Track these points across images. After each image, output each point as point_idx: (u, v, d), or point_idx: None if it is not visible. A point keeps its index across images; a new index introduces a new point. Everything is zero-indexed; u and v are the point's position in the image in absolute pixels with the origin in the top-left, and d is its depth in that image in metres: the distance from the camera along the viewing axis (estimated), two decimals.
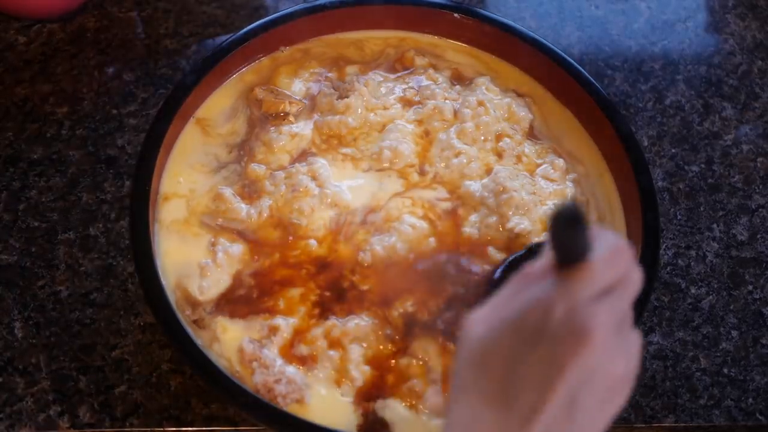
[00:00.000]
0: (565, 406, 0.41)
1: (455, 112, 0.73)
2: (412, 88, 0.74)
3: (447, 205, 0.68)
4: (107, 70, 0.84)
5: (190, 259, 0.65)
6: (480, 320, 0.44)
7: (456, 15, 0.76)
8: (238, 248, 0.65)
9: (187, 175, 0.69)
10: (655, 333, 0.71)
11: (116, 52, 0.85)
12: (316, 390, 0.60)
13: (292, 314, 0.63)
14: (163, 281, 0.62)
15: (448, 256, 0.66)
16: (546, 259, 0.43)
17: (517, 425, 0.41)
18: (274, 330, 0.62)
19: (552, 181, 0.70)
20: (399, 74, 0.76)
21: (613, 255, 0.43)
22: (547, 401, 0.41)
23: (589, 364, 0.41)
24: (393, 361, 0.61)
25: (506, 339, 0.42)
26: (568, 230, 0.40)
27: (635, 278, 0.44)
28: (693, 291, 0.74)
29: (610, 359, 0.42)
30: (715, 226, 0.77)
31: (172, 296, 0.62)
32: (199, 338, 0.61)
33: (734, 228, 0.77)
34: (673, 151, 0.82)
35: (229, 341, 0.61)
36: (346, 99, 0.72)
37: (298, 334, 0.62)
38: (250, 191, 0.68)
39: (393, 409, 0.60)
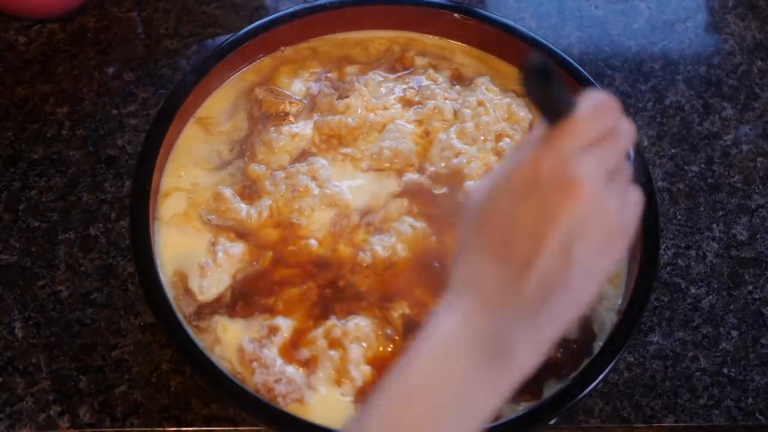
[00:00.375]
0: (560, 255, 0.43)
1: (455, 112, 0.73)
2: (412, 88, 0.74)
3: (447, 204, 0.68)
4: (107, 70, 0.84)
5: (190, 251, 0.65)
6: (480, 188, 0.46)
7: (456, 15, 0.76)
8: (238, 248, 0.65)
9: (189, 170, 0.69)
10: (655, 333, 0.71)
11: (116, 52, 0.85)
12: (316, 390, 0.60)
13: (291, 314, 0.63)
14: (162, 277, 0.62)
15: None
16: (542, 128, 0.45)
17: (514, 273, 0.43)
18: (274, 330, 0.62)
19: None
20: (399, 74, 0.76)
21: (598, 109, 0.44)
22: (541, 250, 0.42)
23: (580, 214, 0.42)
24: (393, 361, 0.61)
25: (501, 199, 0.44)
26: (541, 84, 0.42)
27: (624, 130, 0.46)
28: (693, 291, 0.74)
29: (602, 209, 0.43)
30: (715, 226, 0.77)
31: (171, 291, 0.62)
32: (201, 341, 0.61)
33: (734, 228, 0.77)
34: (673, 151, 0.82)
35: (229, 341, 0.61)
36: (346, 99, 0.72)
37: (298, 334, 0.62)
38: (250, 191, 0.68)
39: None
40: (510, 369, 0.43)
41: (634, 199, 0.47)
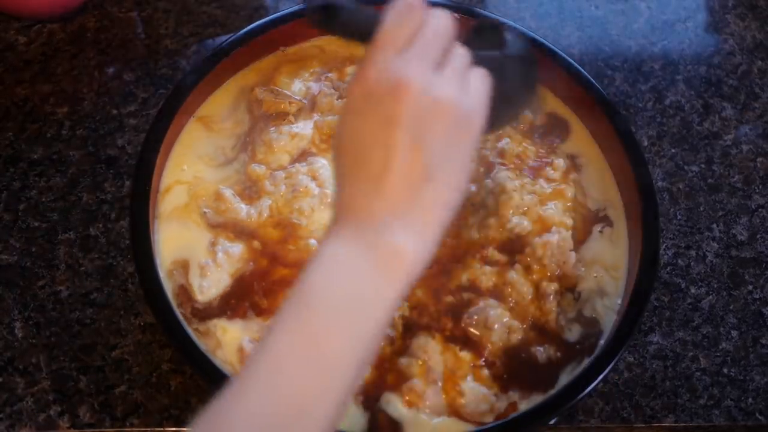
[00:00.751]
0: (411, 151, 0.45)
1: None
2: None
3: None
4: (107, 70, 0.84)
5: (190, 244, 0.65)
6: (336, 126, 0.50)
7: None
8: (237, 248, 0.65)
9: (193, 164, 0.69)
10: (655, 333, 0.71)
11: (116, 52, 0.85)
12: None
13: None
14: (161, 272, 0.62)
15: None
16: None
17: (377, 182, 0.46)
18: None
19: (552, 181, 0.70)
20: None
21: (399, 13, 0.48)
22: (392, 153, 0.45)
23: (416, 108, 0.45)
24: (393, 361, 0.61)
25: (346, 124, 0.48)
26: (332, 19, 0.46)
27: (435, 20, 0.49)
28: (693, 291, 0.74)
29: (437, 98, 0.46)
30: (715, 226, 0.77)
31: (169, 285, 0.63)
32: (203, 344, 0.60)
33: (734, 228, 0.77)
34: (673, 151, 0.82)
35: (229, 342, 0.61)
36: (346, 99, 0.72)
37: None
38: (250, 191, 0.68)
39: (395, 408, 0.60)
40: (400, 263, 0.45)
41: (474, 79, 0.49)
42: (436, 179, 0.46)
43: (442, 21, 0.49)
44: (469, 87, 0.49)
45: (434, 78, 0.47)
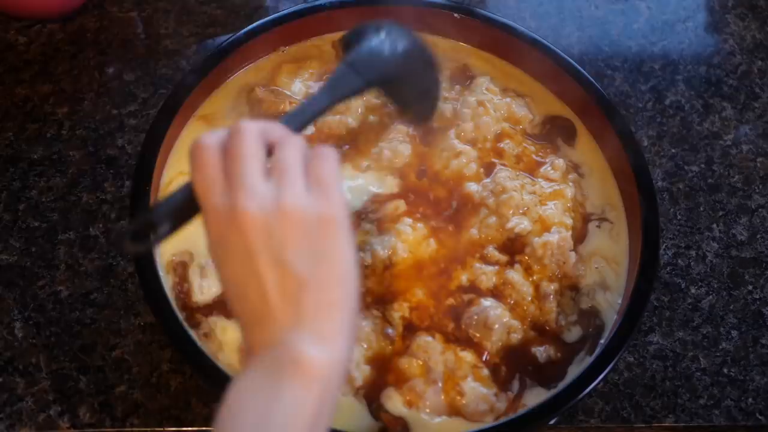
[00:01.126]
0: (278, 270, 0.44)
1: (455, 112, 0.73)
2: None
3: (446, 205, 0.68)
4: (107, 70, 0.84)
5: (191, 238, 0.64)
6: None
7: (456, 15, 0.76)
8: None
9: None
10: (655, 333, 0.71)
11: (116, 52, 0.85)
12: None
13: None
14: (161, 267, 0.62)
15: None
16: None
17: (263, 312, 0.45)
18: None
19: (552, 181, 0.70)
20: None
21: (196, 162, 0.47)
22: (261, 281, 0.45)
23: (263, 229, 0.45)
24: (393, 361, 0.62)
25: (222, 276, 0.47)
26: (145, 239, 0.48)
27: (234, 139, 0.47)
28: (693, 291, 0.74)
29: (280, 208, 0.45)
30: (714, 226, 0.77)
31: (170, 280, 0.63)
32: (206, 347, 0.60)
33: (734, 228, 0.77)
34: (673, 151, 0.82)
35: (229, 342, 0.61)
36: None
37: None
38: None
39: (395, 405, 0.60)
40: (306, 371, 0.44)
41: (318, 164, 0.47)
42: (312, 284, 0.45)
43: (243, 132, 0.47)
44: (313, 174, 0.47)
45: (267, 191, 0.45)
